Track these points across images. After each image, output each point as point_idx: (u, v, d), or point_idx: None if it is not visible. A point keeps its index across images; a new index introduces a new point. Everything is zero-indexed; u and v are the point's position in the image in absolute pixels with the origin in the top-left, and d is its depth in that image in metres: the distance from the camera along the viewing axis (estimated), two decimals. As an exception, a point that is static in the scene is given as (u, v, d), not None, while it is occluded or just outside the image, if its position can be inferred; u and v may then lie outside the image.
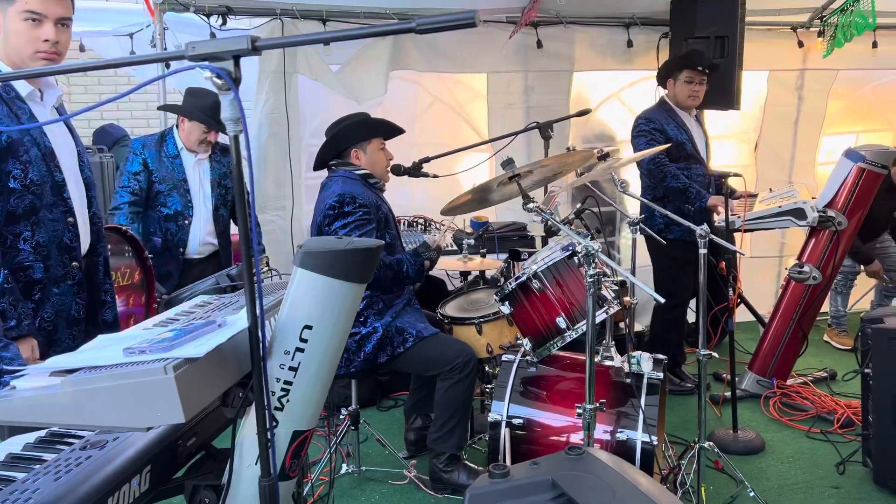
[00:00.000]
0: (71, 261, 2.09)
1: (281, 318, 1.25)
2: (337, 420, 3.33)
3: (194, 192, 3.56)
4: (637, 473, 1.64)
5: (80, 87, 6.66)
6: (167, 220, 3.51)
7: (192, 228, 3.56)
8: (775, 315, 3.99)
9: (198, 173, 3.59)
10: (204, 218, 3.60)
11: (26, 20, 1.92)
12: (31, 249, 2.00)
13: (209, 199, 3.61)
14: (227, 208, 3.71)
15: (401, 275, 2.91)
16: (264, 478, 1.20)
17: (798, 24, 5.05)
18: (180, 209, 3.52)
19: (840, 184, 3.72)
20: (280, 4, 4.09)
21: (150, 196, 3.50)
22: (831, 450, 3.29)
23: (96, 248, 2.25)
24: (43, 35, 1.94)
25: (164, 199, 3.50)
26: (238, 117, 1.10)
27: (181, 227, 3.53)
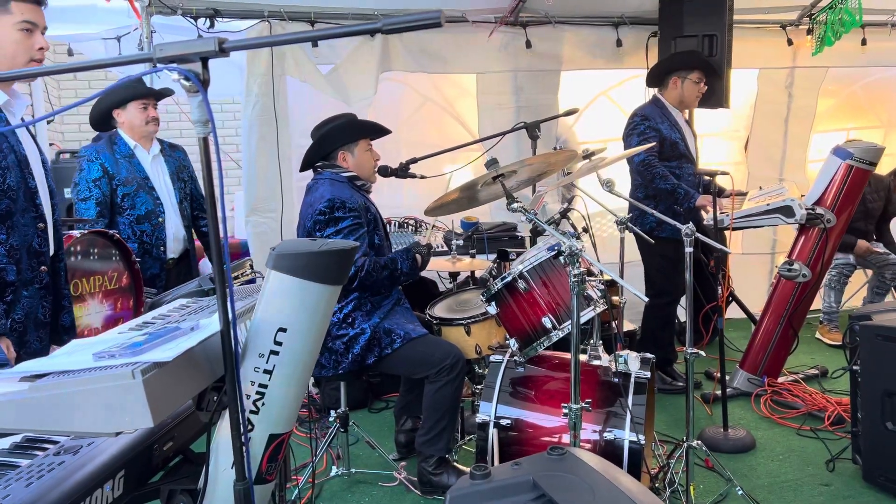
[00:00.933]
0: (39, 265, 2.17)
1: (255, 320, 1.25)
2: (326, 422, 3.33)
3: (159, 189, 3.53)
4: (619, 473, 1.64)
5: (70, 92, 6.64)
6: (139, 221, 3.46)
7: (167, 225, 3.53)
8: (766, 313, 3.99)
9: (157, 169, 3.55)
10: (174, 214, 3.57)
11: (22, 30, 2.03)
12: (6, 252, 2.05)
13: (173, 194, 3.59)
14: (188, 202, 3.68)
15: (395, 272, 2.91)
16: (239, 481, 1.20)
17: (787, 21, 5.06)
18: (151, 208, 3.48)
19: (828, 181, 3.72)
20: (268, 6, 4.09)
21: (114, 202, 3.43)
22: (821, 447, 3.29)
23: (58, 254, 2.31)
24: (37, 44, 2.06)
25: (131, 201, 3.44)
26: (207, 119, 1.09)
27: (157, 226, 3.49)
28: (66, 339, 2.29)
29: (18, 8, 2.01)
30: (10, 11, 2.01)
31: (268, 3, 4.09)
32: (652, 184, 3.82)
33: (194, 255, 3.78)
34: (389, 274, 2.89)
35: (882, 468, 2.90)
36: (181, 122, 6.67)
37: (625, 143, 4.04)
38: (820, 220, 3.67)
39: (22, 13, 2.01)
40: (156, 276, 3.50)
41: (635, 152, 3.38)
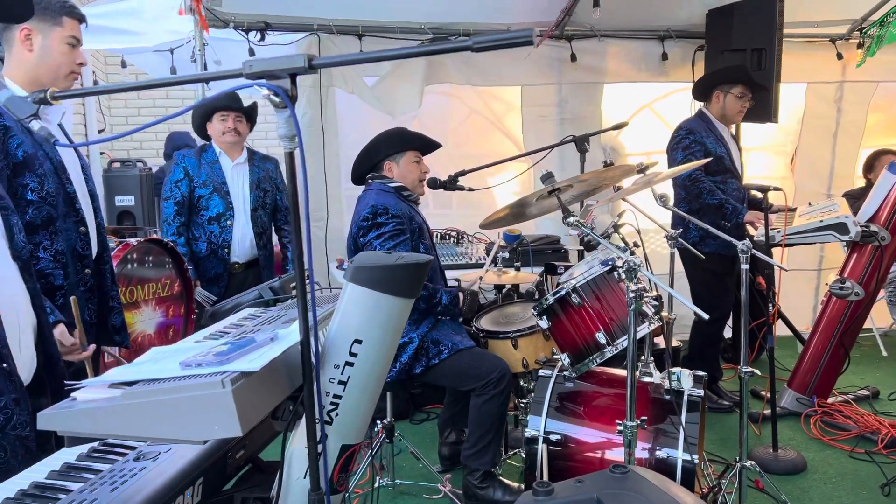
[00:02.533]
0: (83, 268, 2.24)
1: (331, 332, 1.26)
2: (371, 433, 3.34)
3: (234, 194, 3.65)
4: (682, 492, 1.61)
5: (119, 101, 6.81)
6: (210, 222, 3.60)
7: (235, 229, 3.64)
8: (816, 331, 3.90)
9: (237, 177, 3.68)
10: (244, 220, 3.68)
11: (69, 44, 2.15)
12: (51, 258, 2.12)
13: (248, 201, 3.69)
14: (265, 211, 3.78)
15: (433, 299, 2.91)
16: (314, 491, 1.21)
17: (837, 35, 4.99)
18: (222, 210, 3.60)
19: (883, 198, 3.64)
20: (317, 20, 4.16)
21: (192, 202, 3.60)
22: (876, 470, 3.21)
23: (102, 256, 2.38)
24: (78, 58, 2.19)
25: (205, 203, 3.60)
26: (294, 134, 1.12)
27: (224, 229, 3.62)
28: (118, 339, 2.37)
29: (69, 23, 2.13)
30: (63, 25, 2.12)
31: (316, 17, 4.17)
32: (699, 199, 3.78)
33: (267, 263, 3.84)
34: (427, 297, 2.89)
35: (942, 494, 2.81)
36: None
37: (669, 157, 4.00)
38: (874, 238, 3.59)
39: (72, 29, 2.14)
40: (219, 275, 3.63)
41: (691, 167, 3.34)
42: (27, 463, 1.44)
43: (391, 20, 4.29)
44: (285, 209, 3.88)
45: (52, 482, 1.21)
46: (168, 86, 2.55)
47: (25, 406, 1.57)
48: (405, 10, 4.25)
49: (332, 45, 4.22)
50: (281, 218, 3.89)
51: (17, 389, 1.55)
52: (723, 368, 4.28)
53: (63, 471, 1.26)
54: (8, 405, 1.53)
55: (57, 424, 1.07)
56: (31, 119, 1.27)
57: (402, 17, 4.30)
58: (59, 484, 1.20)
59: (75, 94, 1.27)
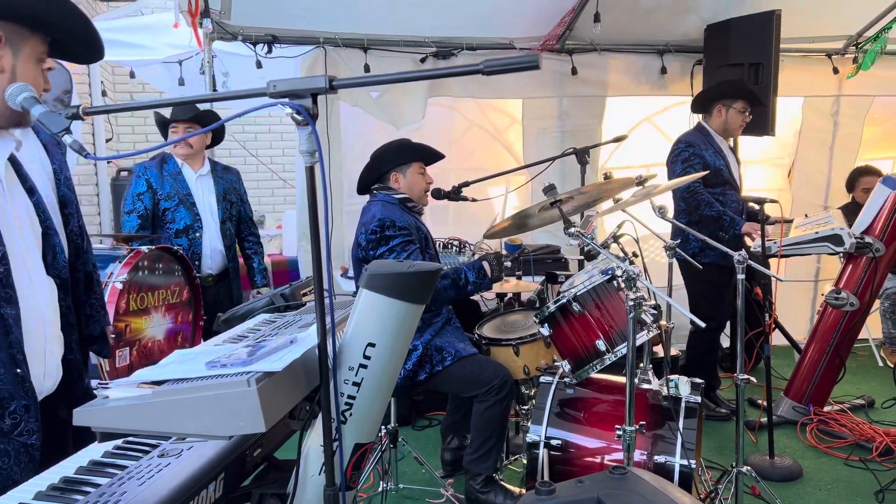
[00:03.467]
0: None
1: (346, 335, 1.33)
2: (375, 438, 3.39)
3: (200, 205, 3.65)
4: (680, 493, 1.68)
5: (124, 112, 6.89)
6: (177, 235, 3.59)
7: (204, 241, 3.64)
8: (812, 341, 3.98)
9: (202, 188, 3.68)
10: (213, 231, 3.68)
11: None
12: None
13: (216, 213, 3.69)
14: (233, 223, 3.78)
15: (459, 282, 2.90)
16: (329, 487, 1.28)
17: (833, 50, 5.09)
18: (189, 223, 3.60)
19: (877, 211, 3.72)
20: (323, 34, 4.25)
21: (157, 215, 3.59)
22: (870, 478, 3.27)
23: (75, 264, 2.13)
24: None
25: (171, 215, 3.58)
26: (315, 150, 1.19)
27: (193, 241, 3.61)
28: (95, 348, 2.21)
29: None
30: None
31: (322, 31, 4.25)
32: (697, 210, 3.86)
33: (236, 276, 3.85)
34: (452, 283, 2.90)
35: (934, 501, 2.87)
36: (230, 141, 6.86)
37: (668, 169, 4.08)
38: (869, 250, 3.67)
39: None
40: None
41: (689, 179, 3.42)
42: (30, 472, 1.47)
43: (396, 34, 4.38)
44: (249, 220, 3.90)
45: (81, 477, 1.28)
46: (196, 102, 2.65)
47: (35, 414, 1.58)
48: (409, 25, 4.34)
49: (338, 59, 4.30)
50: (245, 229, 3.89)
51: (27, 396, 1.56)
52: (720, 377, 4.35)
53: (90, 467, 1.33)
54: (17, 410, 1.54)
55: (91, 420, 1.13)
56: (63, 133, 1.34)
57: (407, 31, 4.39)
58: (88, 479, 1.27)
59: (107, 110, 1.34)
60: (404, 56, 4.40)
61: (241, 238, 3.91)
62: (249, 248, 3.96)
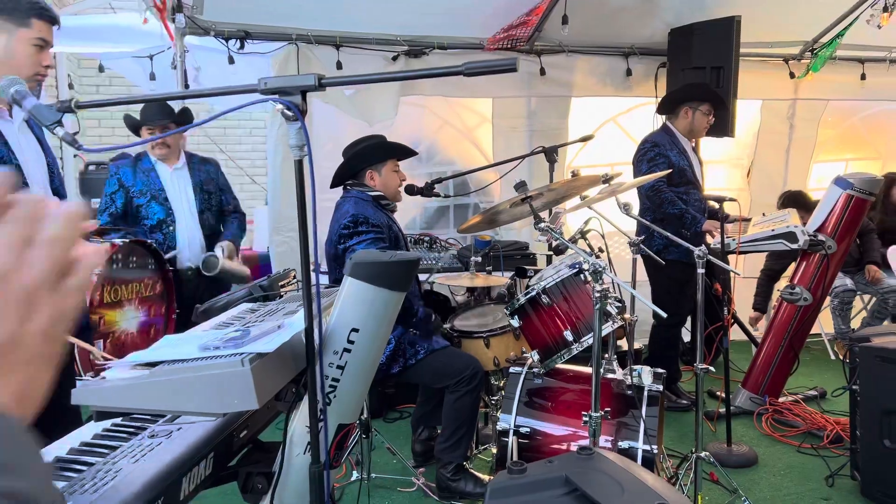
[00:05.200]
0: None
1: (332, 321, 1.40)
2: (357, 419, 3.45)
3: (174, 199, 3.62)
4: (642, 471, 1.79)
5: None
6: (152, 230, 3.58)
7: (179, 234, 3.61)
8: (768, 335, 4.15)
9: (177, 181, 3.66)
10: (191, 224, 3.65)
11: (35, 45, 2.12)
12: None
13: (193, 204, 3.67)
14: (212, 213, 3.75)
15: (410, 310, 3.00)
16: (314, 464, 1.35)
17: (790, 55, 5.29)
18: (162, 217, 3.58)
19: (829, 210, 3.90)
20: (296, 30, 4.28)
21: (131, 213, 3.58)
22: (821, 464, 3.44)
23: None
24: (44, 60, 2.15)
25: (144, 212, 3.57)
26: (304, 144, 1.25)
27: (167, 235, 3.59)
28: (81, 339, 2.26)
29: (38, 25, 2.09)
30: (30, 27, 2.09)
31: (295, 27, 4.28)
32: (661, 208, 3.99)
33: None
34: (408, 304, 2.94)
35: (880, 483, 3.04)
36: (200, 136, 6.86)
37: (634, 168, 4.21)
38: (821, 247, 3.84)
39: (40, 30, 2.10)
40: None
41: (653, 178, 3.55)
42: None
43: (368, 32, 4.43)
44: (232, 211, 3.88)
45: (74, 457, 1.33)
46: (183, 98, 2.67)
47: None
48: (381, 23, 4.39)
49: (311, 55, 4.34)
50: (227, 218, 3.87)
51: None
52: (681, 370, 4.50)
53: (81, 448, 1.37)
54: None
55: (90, 399, 1.19)
56: (55, 126, 1.39)
57: (379, 29, 4.44)
58: (80, 458, 1.32)
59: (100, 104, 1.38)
60: (376, 54, 4.45)
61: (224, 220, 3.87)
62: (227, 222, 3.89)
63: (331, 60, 4.35)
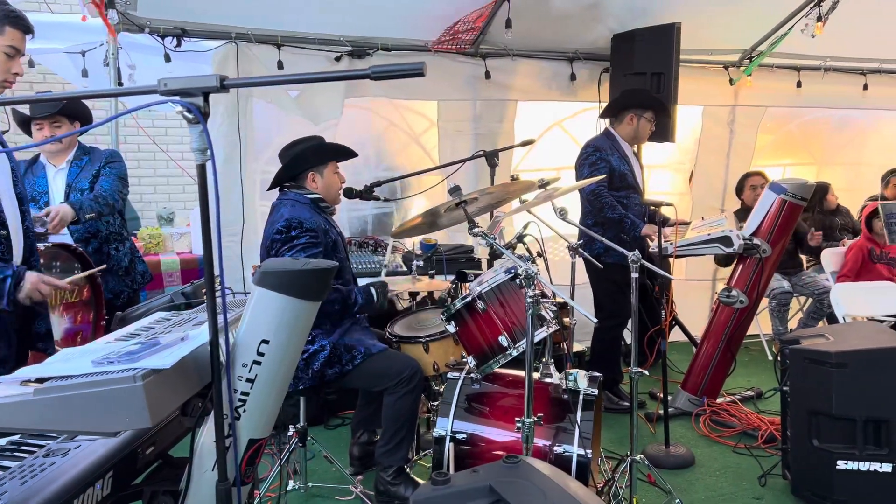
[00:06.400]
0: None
1: (240, 332, 1.35)
2: (284, 438, 3.38)
3: (54, 202, 3.44)
4: (568, 479, 1.78)
5: (24, 102, 6.56)
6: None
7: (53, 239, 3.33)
8: (706, 337, 4.22)
9: (59, 183, 3.52)
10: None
11: (5, 53, 2.11)
12: None
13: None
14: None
15: (349, 300, 2.96)
16: (222, 481, 1.29)
17: (729, 62, 5.40)
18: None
19: (764, 214, 3.98)
20: (235, 28, 4.18)
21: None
22: (755, 463, 3.51)
23: (29, 260, 2.31)
24: (14, 68, 2.15)
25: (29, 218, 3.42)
26: (206, 147, 1.20)
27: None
28: (41, 346, 2.29)
29: (11, 33, 2.10)
30: (3, 34, 2.09)
31: (235, 25, 4.19)
32: (601, 213, 4.03)
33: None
34: (342, 300, 2.93)
35: (808, 482, 3.11)
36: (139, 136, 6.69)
37: (577, 172, 4.24)
38: (756, 250, 3.92)
39: (12, 38, 2.11)
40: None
41: (587, 183, 3.58)
42: None
43: (310, 32, 4.36)
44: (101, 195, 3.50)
45: (-41, 479, 1.25)
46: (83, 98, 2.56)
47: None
48: (325, 23, 4.33)
49: (251, 55, 4.24)
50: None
51: None
52: (623, 372, 4.54)
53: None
54: None
55: (-32, 419, 1.11)
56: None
57: (322, 29, 4.37)
58: (-33, 481, 1.24)
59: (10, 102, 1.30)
60: (319, 54, 4.39)
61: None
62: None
63: (272, 60, 4.26)
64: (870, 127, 6.32)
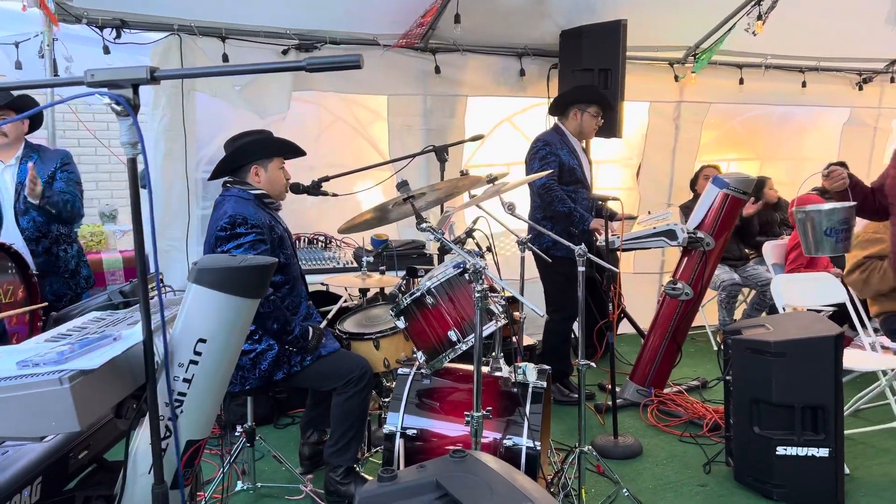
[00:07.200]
0: None
1: (175, 331, 1.31)
2: (232, 438, 3.32)
3: (5, 199, 3.40)
4: (515, 472, 1.79)
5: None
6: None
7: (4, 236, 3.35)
8: (653, 329, 4.30)
9: (6, 178, 3.44)
10: (11, 225, 3.41)
11: None
12: None
13: (11, 203, 3.44)
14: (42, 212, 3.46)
15: (287, 327, 2.85)
16: (157, 485, 1.26)
17: (674, 59, 5.51)
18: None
19: (708, 208, 4.08)
20: (178, 20, 4.07)
21: None
22: (700, 451, 3.59)
23: None
24: None
25: None
26: (136, 141, 1.16)
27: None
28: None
29: None
30: None
31: (178, 17, 4.08)
32: (551, 206, 4.06)
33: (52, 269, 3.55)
34: (281, 324, 2.83)
35: (750, 469, 3.20)
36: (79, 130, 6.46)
37: (527, 167, 4.27)
38: (700, 243, 4.02)
39: None
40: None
41: (535, 178, 3.61)
42: None
43: (256, 24, 4.28)
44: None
45: None
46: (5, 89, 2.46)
47: None
48: (271, 16, 4.25)
49: (195, 47, 4.14)
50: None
51: None
52: (573, 364, 4.60)
53: None
54: None
55: None
56: None
57: (268, 21, 4.29)
58: None
59: None
60: (265, 47, 4.31)
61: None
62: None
63: (216, 53, 4.17)
64: (809, 123, 6.53)
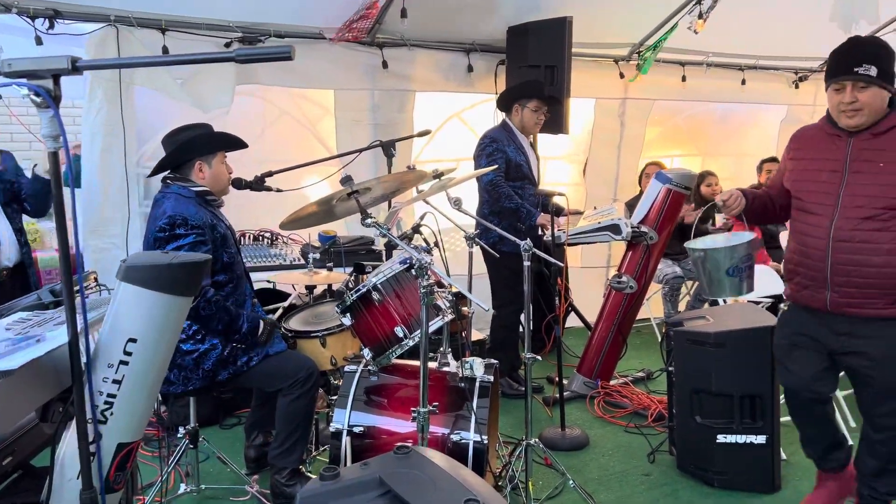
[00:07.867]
0: None
1: (104, 331, 1.27)
2: (175, 439, 3.24)
3: None
4: (459, 467, 1.79)
5: None
6: None
7: None
8: (599, 321, 4.37)
9: None
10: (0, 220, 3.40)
11: None
12: None
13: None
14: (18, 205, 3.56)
15: (234, 324, 2.79)
16: (86, 490, 1.22)
17: (619, 57, 5.59)
18: None
19: (651, 202, 4.16)
20: (115, 11, 3.94)
21: None
22: (644, 441, 3.67)
23: None
24: None
25: None
26: (58, 134, 1.12)
27: None
28: None
29: None
30: None
31: (115, 7, 3.94)
32: (498, 203, 4.09)
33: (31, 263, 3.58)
34: (229, 320, 2.78)
35: (692, 457, 3.29)
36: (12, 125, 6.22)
37: (475, 163, 4.28)
38: (644, 238, 4.10)
39: None
40: None
41: (481, 173, 3.62)
42: None
43: (198, 16, 4.16)
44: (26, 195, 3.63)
45: None
46: None
47: None
48: (214, 8, 4.15)
49: (133, 38, 4.01)
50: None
51: None
52: (521, 358, 4.64)
53: None
54: None
55: None
56: None
57: (211, 13, 4.18)
58: None
59: None
60: (207, 40, 4.20)
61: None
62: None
63: (156, 45, 4.05)
64: (749, 120, 6.72)
